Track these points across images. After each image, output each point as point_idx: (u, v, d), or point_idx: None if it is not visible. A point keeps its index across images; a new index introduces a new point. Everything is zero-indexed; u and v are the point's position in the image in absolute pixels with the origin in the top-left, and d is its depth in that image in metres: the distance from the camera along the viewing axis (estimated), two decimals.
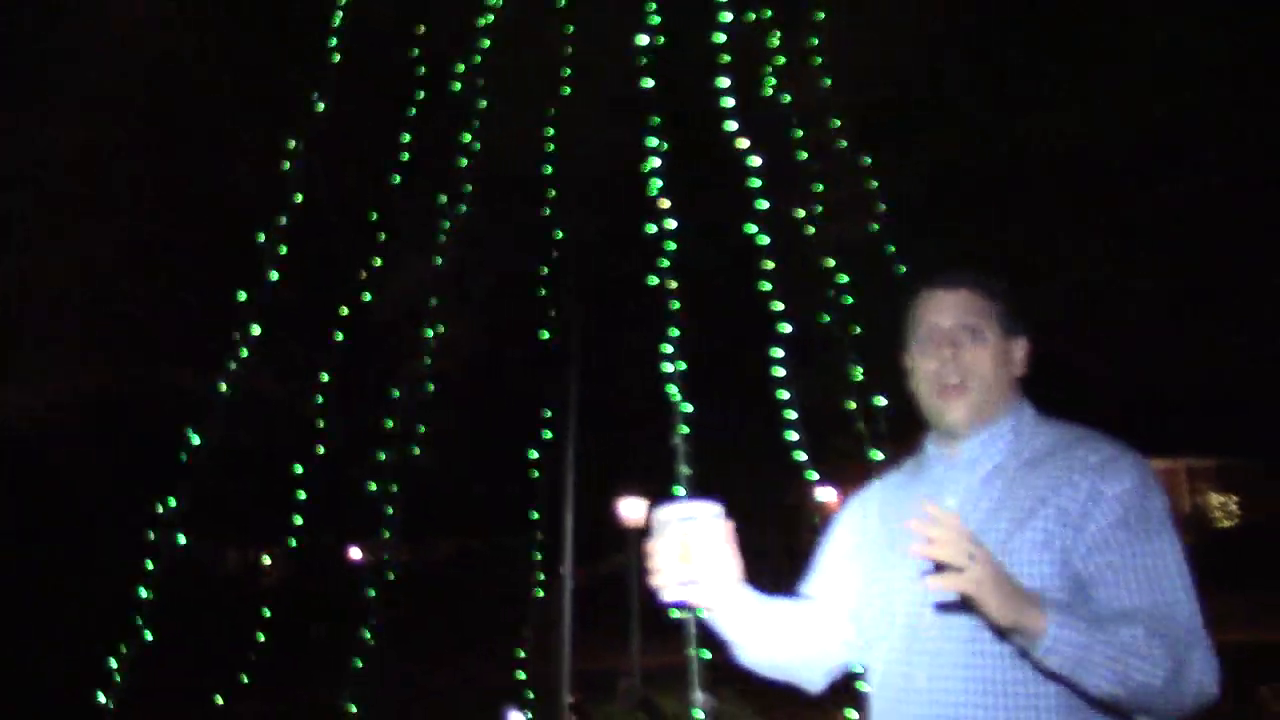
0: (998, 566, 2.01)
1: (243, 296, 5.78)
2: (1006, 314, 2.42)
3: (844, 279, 6.91)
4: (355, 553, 25.53)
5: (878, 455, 6.75)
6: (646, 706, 12.33)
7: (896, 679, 2.31)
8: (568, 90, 6.52)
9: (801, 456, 6.78)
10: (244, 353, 5.34)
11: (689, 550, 2.26)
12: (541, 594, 9.09)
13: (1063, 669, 2.02)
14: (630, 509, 13.07)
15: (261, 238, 5.61)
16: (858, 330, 6.39)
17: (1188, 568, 2.18)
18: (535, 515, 6.65)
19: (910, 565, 2.25)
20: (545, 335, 6.51)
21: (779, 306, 6.05)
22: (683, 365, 5.58)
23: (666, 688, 12.54)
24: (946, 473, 2.40)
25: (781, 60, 6.28)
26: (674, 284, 6.03)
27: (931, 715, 2.22)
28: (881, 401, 6.82)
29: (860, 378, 8.04)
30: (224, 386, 5.16)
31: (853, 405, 7.23)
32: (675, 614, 2.46)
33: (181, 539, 5.52)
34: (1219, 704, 2.13)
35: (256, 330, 5.44)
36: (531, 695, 9.40)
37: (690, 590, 2.28)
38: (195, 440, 5.41)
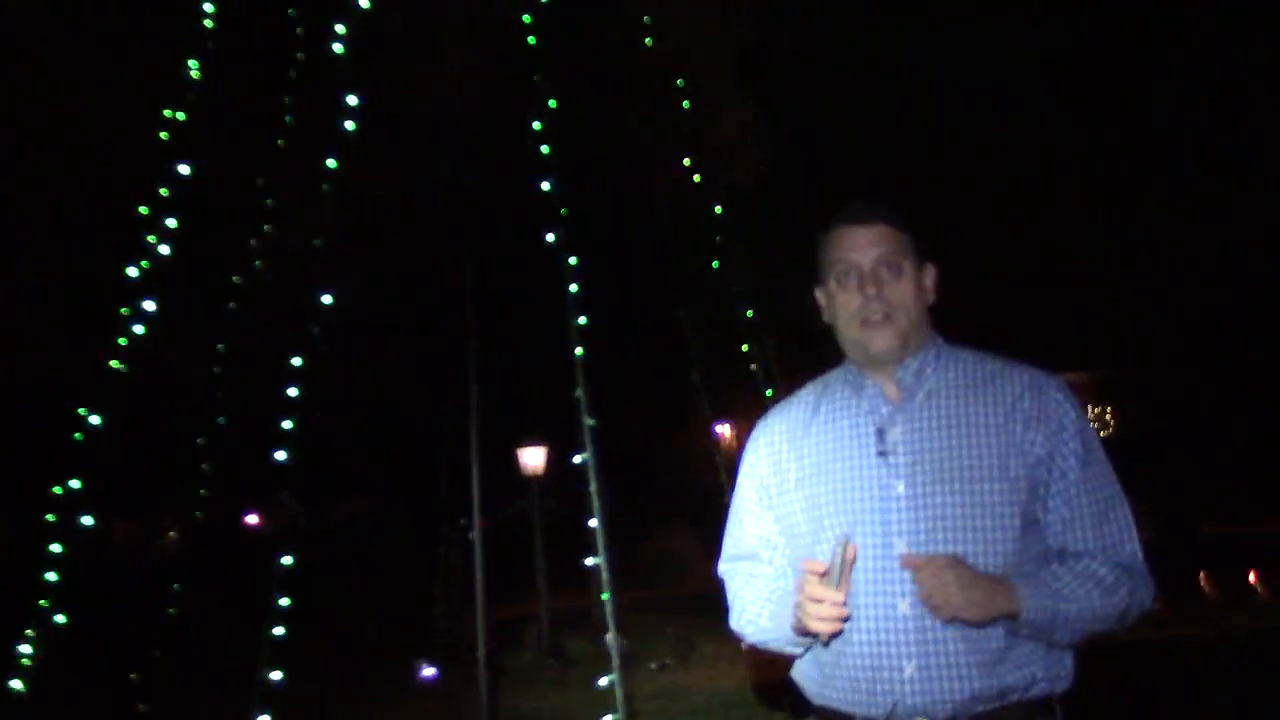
0: (967, 581, 2.15)
1: (132, 271, 5.64)
2: (919, 245, 2.43)
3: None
4: (252, 518, 25.19)
5: (770, 392, 6.89)
6: (556, 651, 12.48)
7: (874, 608, 2.27)
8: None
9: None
10: (139, 329, 5.23)
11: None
12: (444, 549, 9.11)
13: (1033, 636, 2.24)
14: (530, 457, 13.13)
15: (145, 211, 5.48)
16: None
17: (1120, 485, 2.36)
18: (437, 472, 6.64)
19: (866, 496, 2.32)
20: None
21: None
22: (582, 319, 5.64)
23: (576, 630, 12.73)
24: (880, 402, 2.38)
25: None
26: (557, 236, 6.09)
27: (919, 640, 2.23)
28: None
29: (750, 316, 8.21)
30: (116, 363, 5.05)
31: (745, 347, 7.34)
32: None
33: (88, 520, 5.42)
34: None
35: (149, 305, 5.33)
36: (441, 649, 9.47)
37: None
38: (93, 419, 5.31)
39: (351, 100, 5.79)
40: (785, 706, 7.57)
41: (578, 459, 6.08)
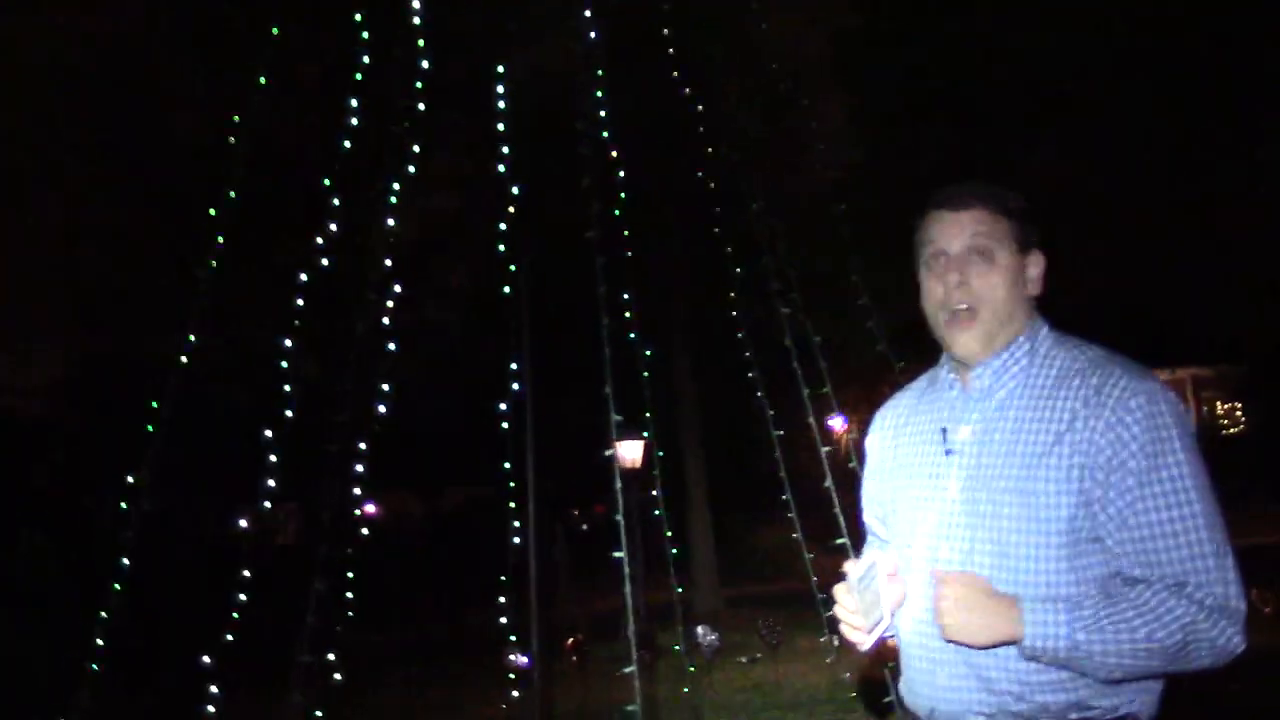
0: (969, 603, 2.07)
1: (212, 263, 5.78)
2: (1020, 231, 2.26)
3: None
4: (370, 508, 25.79)
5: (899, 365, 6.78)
6: (646, 643, 12.52)
7: (924, 610, 2.23)
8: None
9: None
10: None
11: (877, 599, 2.22)
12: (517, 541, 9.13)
13: (1055, 664, 2.06)
14: (628, 450, 13.17)
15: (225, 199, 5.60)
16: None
17: (1211, 503, 2.07)
18: (506, 466, 6.70)
19: (928, 496, 2.26)
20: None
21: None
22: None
23: (665, 624, 12.78)
24: (959, 400, 2.30)
25: None
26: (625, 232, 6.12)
27: (956, 647, 2.15)
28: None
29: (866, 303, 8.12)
30: (183, 358, 5.21)
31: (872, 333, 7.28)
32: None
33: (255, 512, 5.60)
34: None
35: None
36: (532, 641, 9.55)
37: (880, 630, 2.25)
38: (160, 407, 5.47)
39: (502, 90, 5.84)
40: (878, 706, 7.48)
41: (608, 453, 6.06)
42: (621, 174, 6.52)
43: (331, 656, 6.48)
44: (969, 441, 2.23)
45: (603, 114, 6.39)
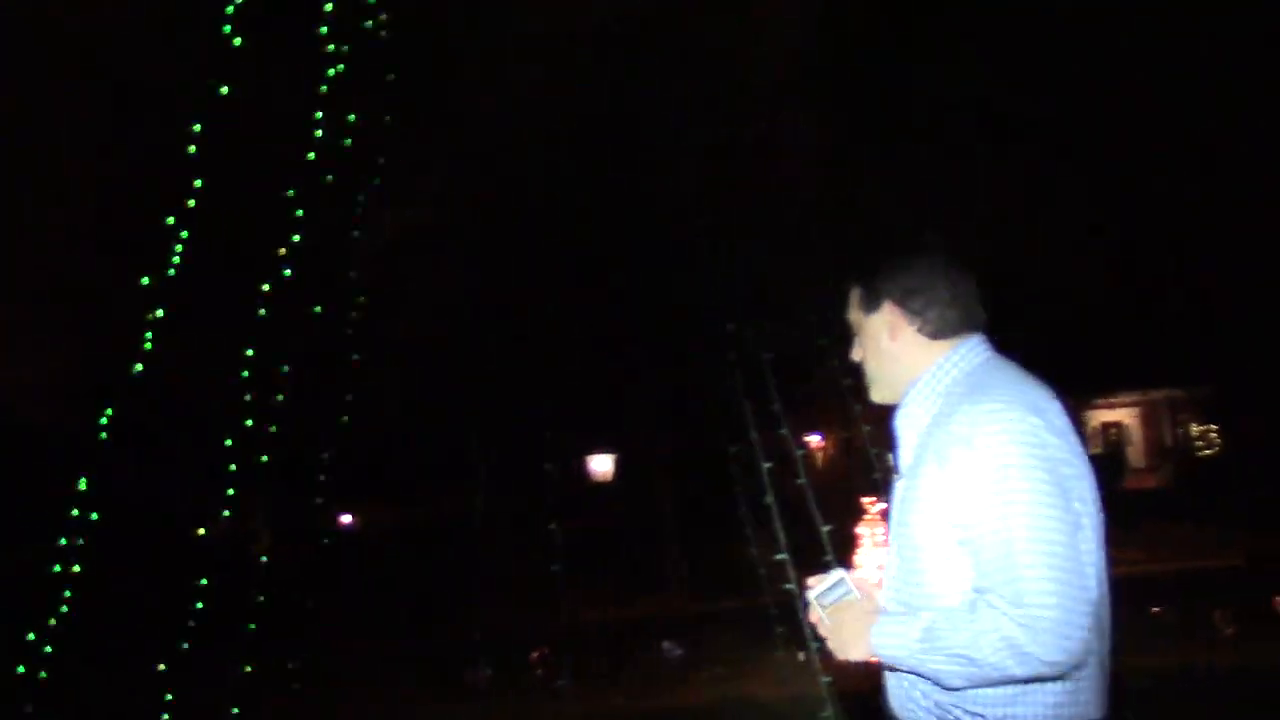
0: (839, 624, 2.36)
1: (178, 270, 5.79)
2: (862, 292, 2.48)
3: None
4: (346, 518, 25.72)
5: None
6: (614, 655, 12.51)
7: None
8: None
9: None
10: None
11: (841, 621, 2.37)
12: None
13: (917, 674, 2.25)
14: (599, 464, 13.24)
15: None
16: None
17: (1032, 517, 2.11)
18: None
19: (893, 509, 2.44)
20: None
21: None
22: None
23: (636, 637, 12.78)
24: (902, 432, 2.46)
25: None
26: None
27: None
28: None
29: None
30: (138, 366, 5.21)
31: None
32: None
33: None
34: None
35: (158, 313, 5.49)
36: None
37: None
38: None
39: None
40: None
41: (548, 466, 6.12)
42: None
43: (290, 666, 6.50)
44: (907, 465, 2.40)
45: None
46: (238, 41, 5.47)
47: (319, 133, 5.97)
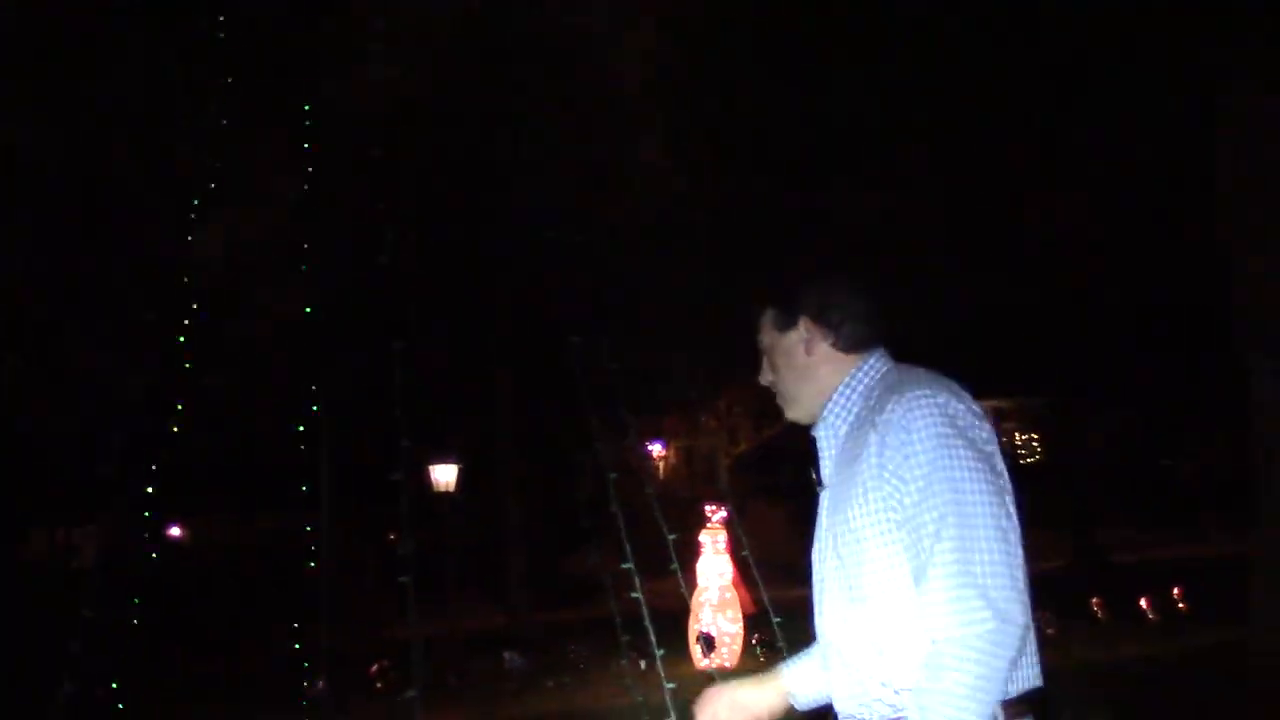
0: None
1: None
2: (776, 313, 2.52)
3: None
4: (175, 530, 24.88)
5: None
6: (459, 669, 12.42)
7: (818, 629, 2.50)
8: None
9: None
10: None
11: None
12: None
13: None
14: (442, 473, 13.11)
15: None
16: None
17: (975, 503, 2.19)
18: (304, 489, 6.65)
19: (819, 525, 2.48)
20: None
21: None
22: None
23: (485, 648, 12.68)
24: (823, 445, 2.51)
25: None
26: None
27: (838, 662, 2.39)
28: None
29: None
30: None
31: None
32: None
33: None
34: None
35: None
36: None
37: None
38: None
39: None
40: None
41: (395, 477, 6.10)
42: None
43: (115, 686, 6.25)
44: (829, 475, 2.46)
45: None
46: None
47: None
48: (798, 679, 2.71)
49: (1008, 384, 23.47)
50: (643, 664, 9.25)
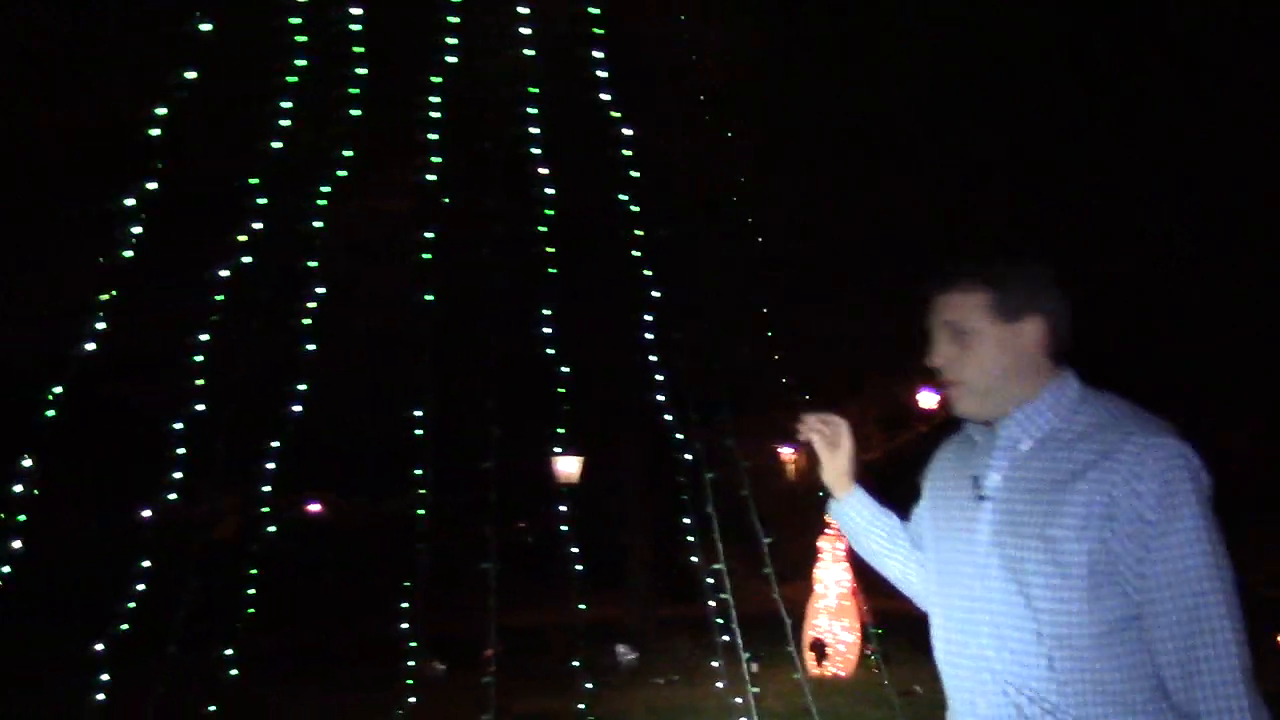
0: None
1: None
2: (1003, 301, 2.37)
3: None
4: (315, 507, 25.76)
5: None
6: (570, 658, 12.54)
7: (959, 645, 2.39)
8: None
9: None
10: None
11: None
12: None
13: None
14: (566, 465, 13.28)
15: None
16: None
17: (1219, 560, 2.14)
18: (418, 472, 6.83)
19: (962, 540, 2.39)
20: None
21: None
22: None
23: (601, 640, 12.81)
24: (987, 449, 2.42)
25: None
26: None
27: (994, 680, 2.29)
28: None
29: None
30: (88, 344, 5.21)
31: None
32: None
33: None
34: None
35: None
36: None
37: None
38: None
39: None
40: None
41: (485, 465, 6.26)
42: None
43: (229, 652, 6.50)
44: (999, 488, 2.34)
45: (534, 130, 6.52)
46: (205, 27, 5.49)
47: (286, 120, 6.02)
48: (860, 504, 2.85)
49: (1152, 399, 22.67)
50: (754, 667, 9.23)
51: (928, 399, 21.04)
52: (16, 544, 5.13)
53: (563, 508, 7.87)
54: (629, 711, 10.39)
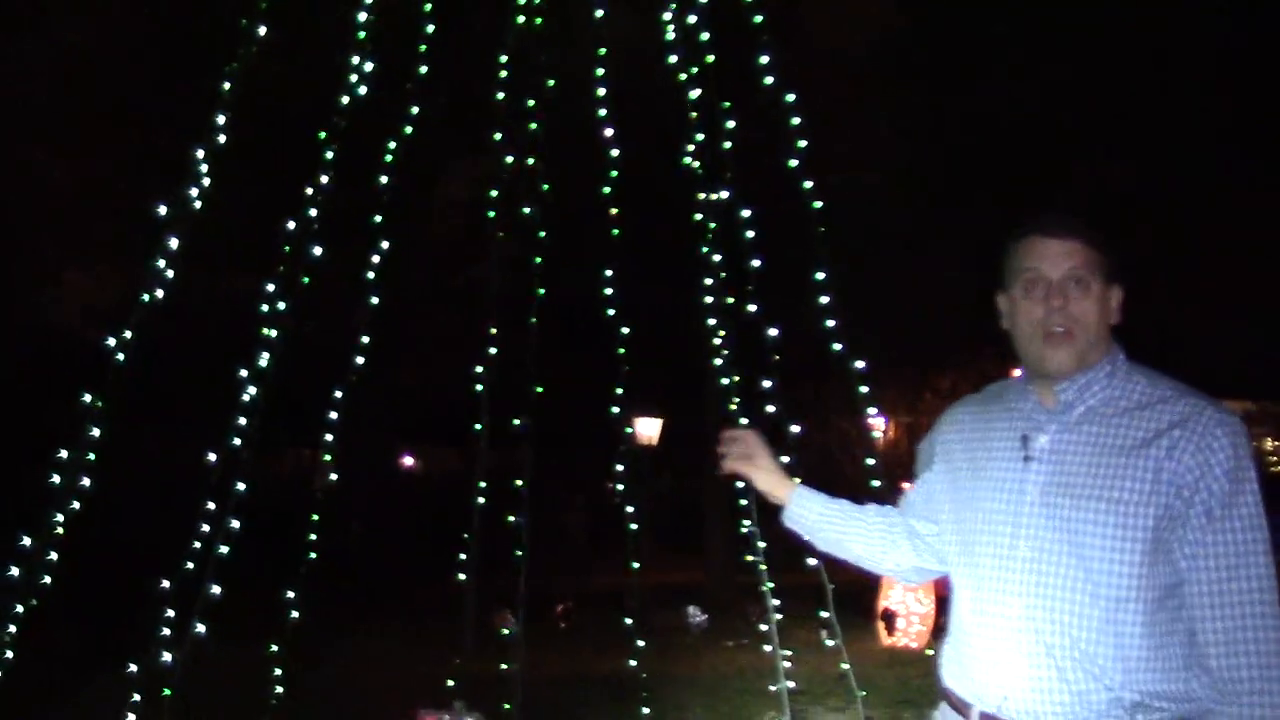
0: None
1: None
2: (1109, 264, 2.42)
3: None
4: (408, 460, 26.25)
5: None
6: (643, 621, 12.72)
7: (993, 604, 2.39)
8: None
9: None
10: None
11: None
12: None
13: None
14: (646, 427, 13.39)
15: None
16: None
17: (1271, 552, 2.21)
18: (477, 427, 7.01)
19: (1005, 499, 2.41)
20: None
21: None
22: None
23: (673, 603, 12.95)
24: (1038, 411, 2.43)
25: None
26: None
27: (1032, 640, 2.31)
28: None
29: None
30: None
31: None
32: None
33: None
34: None
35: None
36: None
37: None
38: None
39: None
40: None
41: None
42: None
43: (291, 594, 6.65)
44: (1048, 450, 2.37)
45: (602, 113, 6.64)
46: None
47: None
48: (807, 499, 2.88)
49: (1252, 385, 22.05)
50: (824, 635, 9.30)
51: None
52: (85, 481, 5.38)
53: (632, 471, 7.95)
54: (692, 674, 10.54)
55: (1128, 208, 13.98)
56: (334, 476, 7.37)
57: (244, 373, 5.83)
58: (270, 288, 6.07)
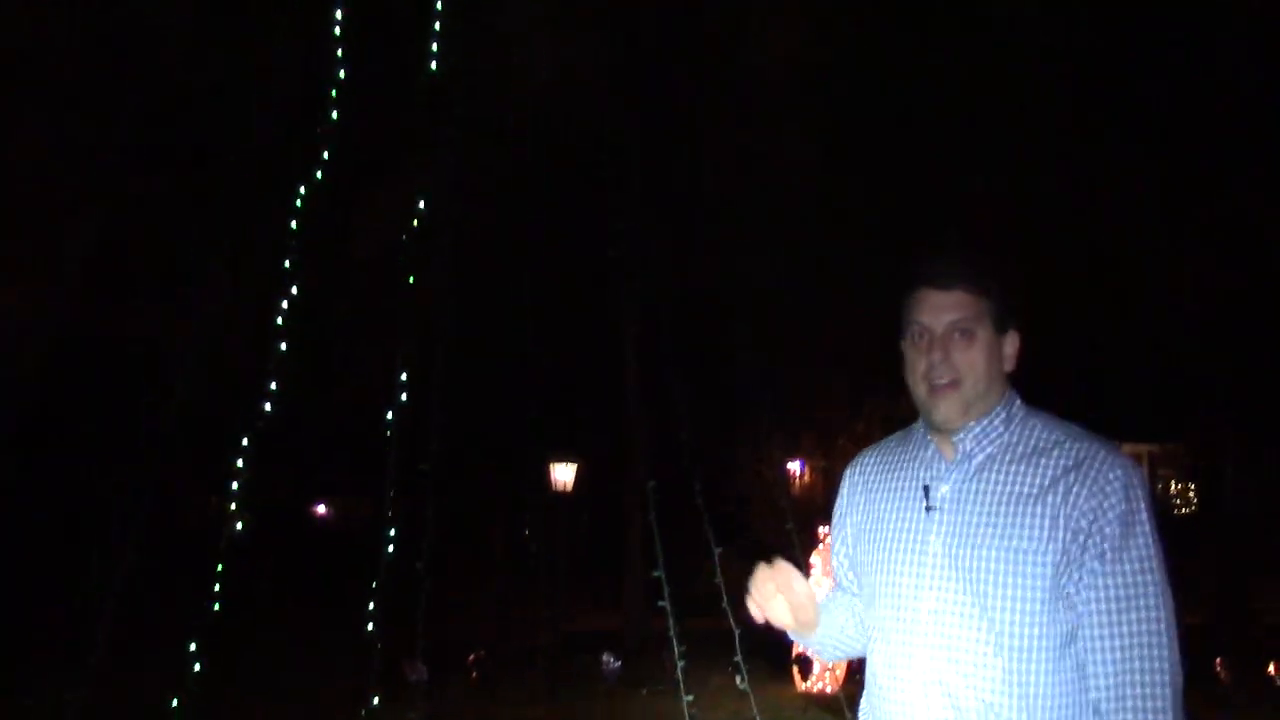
0: None
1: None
2: (998, 311, 2.38)
3: None
4: (320, 509, 25.85)
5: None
6: (553, 667, 12.60)
7: (899, 656, 2.35)
8: None
9: None
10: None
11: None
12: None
13: None
14: (561, 472, 13.32)
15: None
16: None
17: (1164, 579, 2.21)
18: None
19: (908, 550, 2.36)
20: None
21: None
22: None
23: (593, 648, 12.84)
24: (938, 460, 2.41)
25: None
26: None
27: (939, 693, 2.27)
28: None
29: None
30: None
31: None
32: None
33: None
34: None
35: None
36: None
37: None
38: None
39: None
40: None
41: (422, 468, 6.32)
42: None
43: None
44: (949, 499, 2.34)
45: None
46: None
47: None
48: (825, 621, 2.58)
49: (1154, 427, 22.55)
50: (739, 680, 9.25)
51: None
52: None
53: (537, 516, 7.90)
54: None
55: (1029, 250, 14.23)
56: (240, 526, 7.20)
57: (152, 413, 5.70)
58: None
